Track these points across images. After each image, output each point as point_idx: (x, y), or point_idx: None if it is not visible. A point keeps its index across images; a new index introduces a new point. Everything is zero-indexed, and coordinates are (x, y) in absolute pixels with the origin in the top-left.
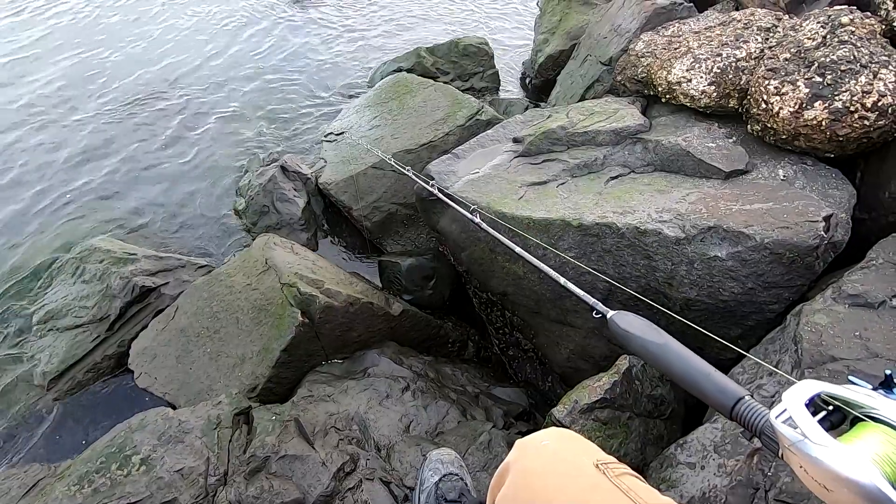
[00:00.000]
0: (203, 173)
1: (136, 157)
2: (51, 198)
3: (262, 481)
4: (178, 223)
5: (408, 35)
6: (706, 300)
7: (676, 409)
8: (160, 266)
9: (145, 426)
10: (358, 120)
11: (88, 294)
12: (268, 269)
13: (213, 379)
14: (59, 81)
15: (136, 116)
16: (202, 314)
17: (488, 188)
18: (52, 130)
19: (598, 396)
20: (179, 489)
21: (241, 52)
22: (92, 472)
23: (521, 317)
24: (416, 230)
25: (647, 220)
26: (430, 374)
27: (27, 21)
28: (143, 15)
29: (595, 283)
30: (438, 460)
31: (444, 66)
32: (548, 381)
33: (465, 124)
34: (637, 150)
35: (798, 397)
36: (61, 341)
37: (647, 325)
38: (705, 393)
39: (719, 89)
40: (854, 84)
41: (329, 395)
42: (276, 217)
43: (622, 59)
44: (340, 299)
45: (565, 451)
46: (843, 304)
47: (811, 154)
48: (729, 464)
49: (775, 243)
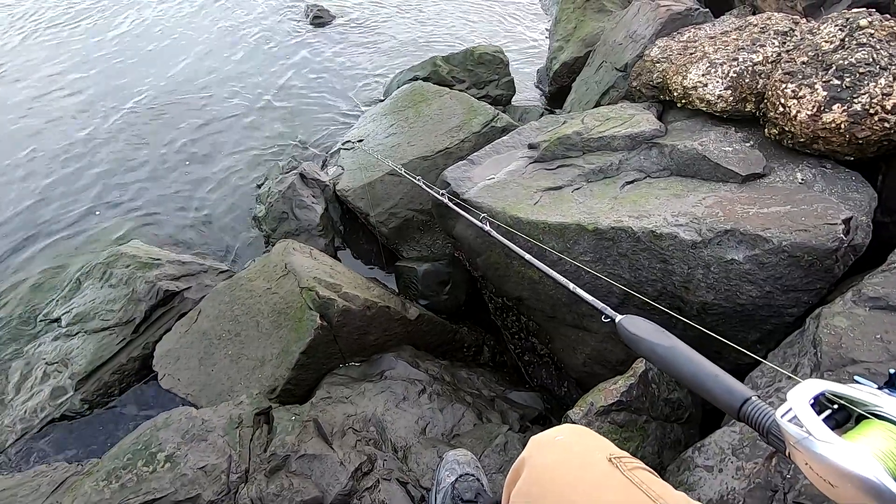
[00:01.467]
0: (224, 181)
1: (161, 166)
2: (79, 204)
3: (283, 479)
4: (200, 229)
5: (423, 46)
6: (723, 304)
7: (694, 413)
8: (183, 271)
9: (170, 425)
10: (375, 128)
11: (115, 298)
12: (287, 274)
13: (234, 380)
14: (87, 90)
15: (161, 126)
16: (224, 317)
17: (504, 194)
18: (80, 138)
19: (614, 399)
20: (203, 486)
21: (261, 66)
22: (119, 469)
23: (537, 322)
24: (431, 236)
25: (663, 224)
26: (445, 377)
27: (57, 32)
28: (166, 31)
29: (611, 288)
30: (455, 461)
31: (460, 75)
32: (563, 387)
33: (480, 131)
34: (653, 154)
35: (802, 396)
36: (89, 343)
37: (656, 329)
38: (713, 394)
39: (736, 93)
40: (874, 86)
41: (347, 397)
42: (295, 223)
43: (637, 65)
44: (358, 303)
45: (579, 446)
46: (863, 307)
47: (830, 157)
48: (747, 466)
49: (793, 246)
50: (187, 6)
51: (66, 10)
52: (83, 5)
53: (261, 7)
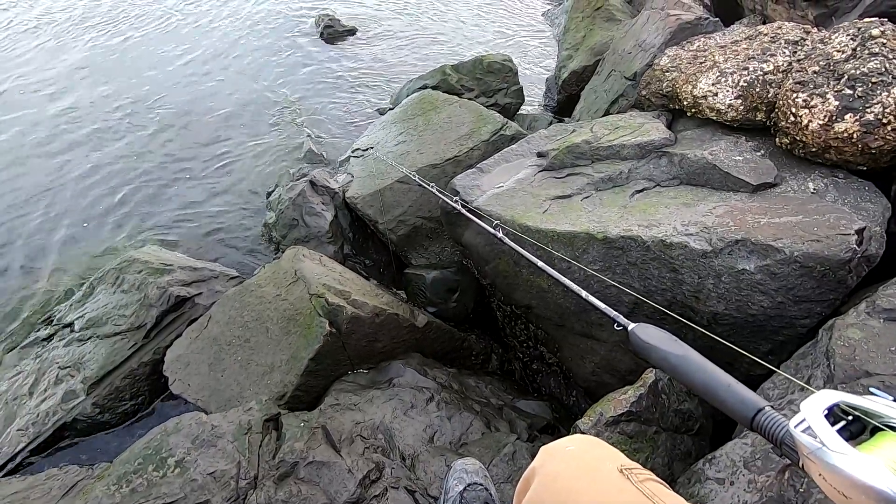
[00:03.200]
0: (235, 188)
1: (173, 174)
2: (91, 211)
3: (291, 486)
4: (211, 236)
5: (432, 54)
6: (734, 314)
7: (704, 424)
8: (194, 277)
9: (180, 430)
10: (384, 136)
11: (127, 303)
12: (297, 281)
13: (243, 386)
14: (99, 101)
15: (172, 135)
16: (234, 323)
17: (513, 202)
18: (93, 148)
19: (623, 409)
20: (212, 491)
21: (271, 76)
22: (130, 473)
23: (546, 330)
24: (440, 243)
25: (673, 233)
26: (454, 385)
27: (69, 40)
28: (177, 42)
29: (620, 297)
30: (463, 469)
31: (469, 83)
32: (572, 396)
33: (489, 139)
34: (662, 163)
35: (816, 407)
36: (101, 348)
37: (668, 337)
38: (726, 404)
39: (746, 102)
40: (886, 96)
41: (355, 404)
42: (305, 230)
43: (647, 74)
44: (367, 310)
45: (590, 457)
46: (877, 319)
47: (842, 167)
48: (759, 480)
49: (805, 256)
50: (198, 17)
51: (81, 21)
52: (94, 21)
53: (271, 18)
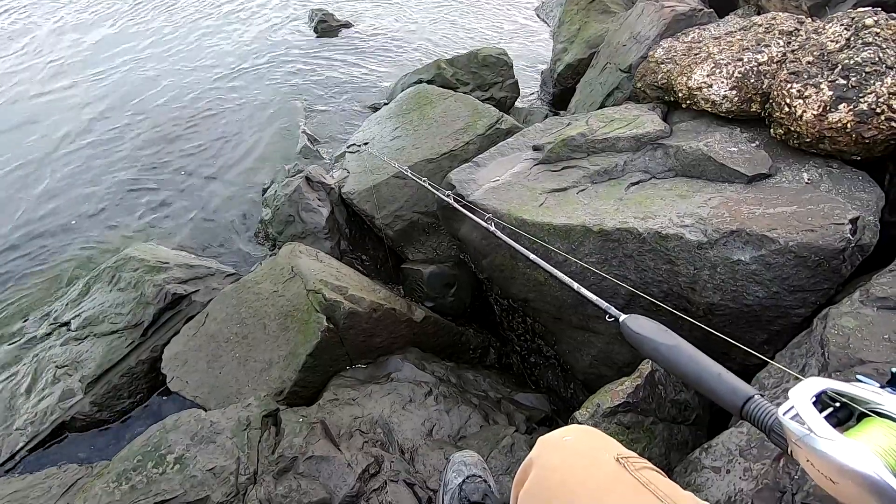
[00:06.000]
0: (231, 185)
1: (168, 171)
2: (87, 209)
3: (291, 481)
4: (207, 233)
5: (427, 49)
6: (730, 305)
7: (701, 415)
8: (191, 274)
9: (179, 427)
10: (380, 131)
11: (124, 301)
12: (294, 277)
13: (241, 383)
14: (96, 98)
15: (167, 132)
16: (231, 320)
17: (509, 195)
18: (87, 146)
19: (620, 400)
20: (212, 487)
21: (266, 71)
22: (129, 470)
23: (543, 323)
24: (437, 238)
25: (669, 225)
26: (452, 379)
27: (71, 38)
28: (168, 38)
29: (617, 289)
30: (462, 462)
31: (464, 77)
32: (570, 388)
33: (485, 133)
34: (658, 155)
35: (804, 394)
36: (98, 346)
37: (659, 328)
38: (716, 393)
39: (741, 94)
40: (880, 86)
41: (354, 399)
42: (301, 226)
43: (642, 66)
44: (364, 305)
45: (586, 446)
46: (871, 307)
47: (836, 157)
48: (755, 467)
49: (800, 246)
50: (188, 12)
51: (73, 18)
52: (86, 15)
53: (265, 13)
